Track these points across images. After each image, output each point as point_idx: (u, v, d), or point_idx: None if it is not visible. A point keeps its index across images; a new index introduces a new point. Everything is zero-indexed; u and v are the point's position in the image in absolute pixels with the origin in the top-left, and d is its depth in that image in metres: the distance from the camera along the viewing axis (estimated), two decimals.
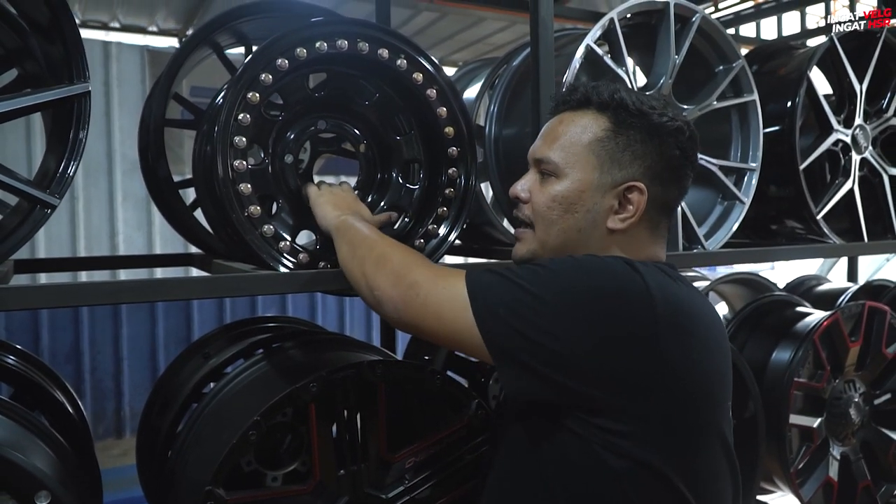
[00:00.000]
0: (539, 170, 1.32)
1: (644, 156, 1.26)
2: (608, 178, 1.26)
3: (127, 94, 6.76)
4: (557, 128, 1.31)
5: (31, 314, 5.96)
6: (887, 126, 2.51)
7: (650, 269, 1.18)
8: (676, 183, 1.30)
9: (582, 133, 1.28)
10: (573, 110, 1.32)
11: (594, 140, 1.27)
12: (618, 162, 1.25)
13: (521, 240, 1.35)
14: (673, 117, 1.28)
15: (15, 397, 2.03)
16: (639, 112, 1.26)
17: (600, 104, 1.28)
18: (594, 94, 1.29)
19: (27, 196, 1.36)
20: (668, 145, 1.27)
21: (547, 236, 1.29)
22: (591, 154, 1.26)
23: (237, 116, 1.51)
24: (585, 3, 4.46)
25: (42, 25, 1.44)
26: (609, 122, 1.27)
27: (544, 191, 1.29)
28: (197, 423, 1.79)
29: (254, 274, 1.53)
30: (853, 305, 2.45)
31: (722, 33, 2.10)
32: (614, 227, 1.26)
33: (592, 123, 1.28)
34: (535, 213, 1.30)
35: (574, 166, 1.27)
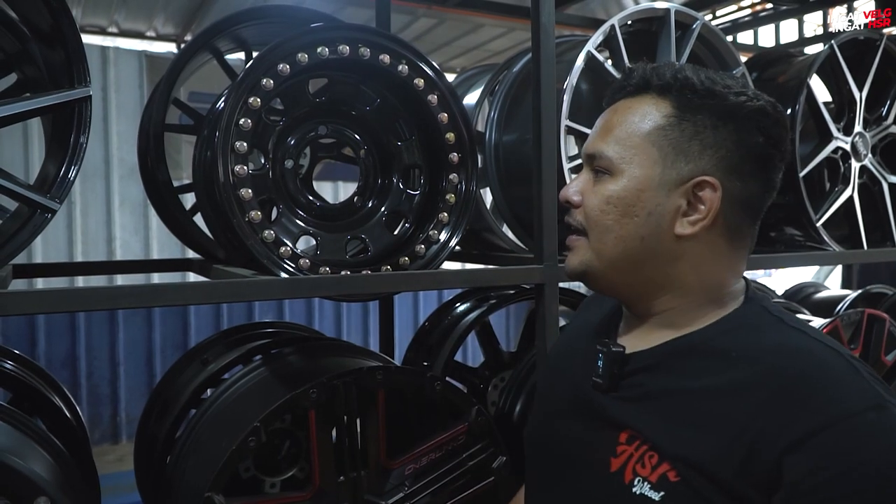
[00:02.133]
0: (592, 167, 1.10)
1: (716, 145, 1.03)
2: (673, 173, 1.03)
3: (125, 99, 6.76)
4: (612, 118, 1.10)
5: (28, 319, 5.94)
6: (887, 134, 2.51)
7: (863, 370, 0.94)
8: (761, 176, 1.05)
9: (640, 121, 1.06)
10: (631, 97, 1.10)
11: (655, 128, 1.05)
12: (684, 153, 1.03)
13: (573, 249, 1.12)
14: (753, 96, 1.05)
15: (13, 403, 2.02)
16: (708, 92, 1.04)
17: (661, 87, 1.06)
18: (654, 75, 1.07)
19: (28, 201, 1.36)
20: (747, 131, 1.03)
21: (603, 245, 1.07)
22: (651, 146, 1.04)
23: (238, 121, 1.51)
24: (583, 9, 4.46)
25: (43, 30, 1.44)
26: (672, 106, 1.05)
27: (598, 191, 1.07)
28: (195, 430, 1.78)
29: (254, 279, 1.52)
30: (852, 313, 2.45)
31: (722, 40, 2.11)
32: (683, 232, 1.04)
33: (653, 109, 1.06)
34: (588, 217, 1.08)
35: (631, 161, 1.05)
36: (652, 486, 0.96)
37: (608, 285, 1.11)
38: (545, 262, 1.78)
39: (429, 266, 1.73)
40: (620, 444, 1.02)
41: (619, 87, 1.12)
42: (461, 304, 2.56)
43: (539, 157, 1.78)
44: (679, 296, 1.07)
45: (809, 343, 0.97)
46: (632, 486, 0.98)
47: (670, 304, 1.08)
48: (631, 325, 1.14)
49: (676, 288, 1.07)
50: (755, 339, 1.00)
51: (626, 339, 1.13)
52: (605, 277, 1.09)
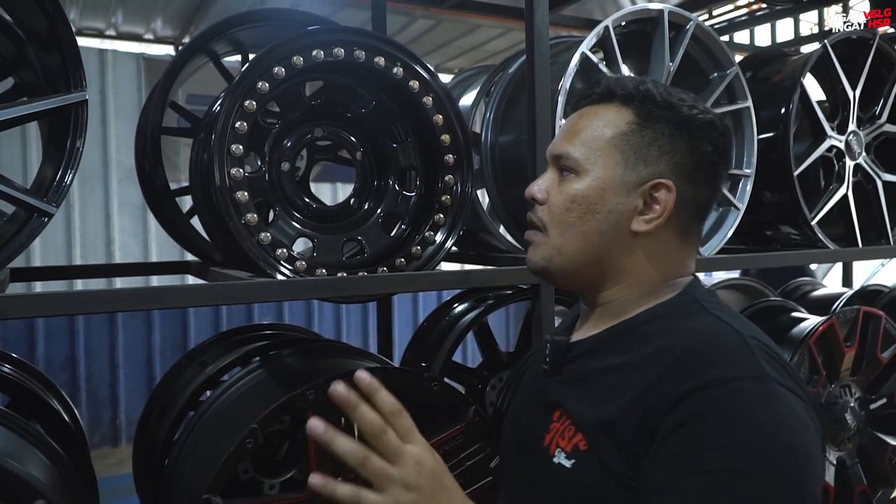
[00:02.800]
0: (558, 167, 1.17)
1: (672, 151, 1.13)
2: (633, 175, 1.12)
3: (123, 101, 6.76)
4: (578, 122, 1.18)
5: (27, 323, 5.94)
6: (881, 132, 2.53)
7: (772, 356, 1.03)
8: (708, 182, 1.16)
9: (605, 127, 1.15)
10: (595, 104, 1.19)
11: (618, 134, 1.14)
12: (643, 157, 1.13)
13: (533, 244, 1.18)
14: (704, 110, 1.16)
15: (11, 406, 2.02)
16: (667, 104, 1.14)
17: (625, 97, 1.16)
18: (618, 86, 1.17)
19: (24, 205, 1.36)
20: (698, 140, 1.14)
21: (564, 241, 1.14)
22: (614, 149, 1.13)
23: (234, 124, 1.51)
24: (580, 10, 4.47)
25: (39, 35, 1.45)
26: (634, 114, 1.14)
27: (562, 190, 1.15)
28: (194, 431, 1.79)
29: (251, 281, 1.53)
30: (848, 310, 2.46)
31: (716, 40, 2.12)
32: (639, 229, 1.12)
33: (616, 116, 1.15)
34: (552, 214, 1.15)
35: (595, 162, 1.13)
36: (567, 456, 1.07)
37: (567, 279, 1.17)
38: None
39: (425, 267, 1.74)
40: (553, 422, 1.13)
41: (584, 95, 1.21)
42: (459, 304, 2.57)
43: (534, 157, 1.79)
44: (627, 287, 1.15)
45: (715, 324, 1.07)
46: (553, 457, 1.09)
47: (618, 294, 1.15)
48: (585, 318, 1.22)
49: (627, 280, 1.15)
50: (672, 323, 1.09)
51: (580, 331, 1.21)
52: (565, 271, 1.16)
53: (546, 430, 1.14)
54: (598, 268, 1.14)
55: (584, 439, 1.05)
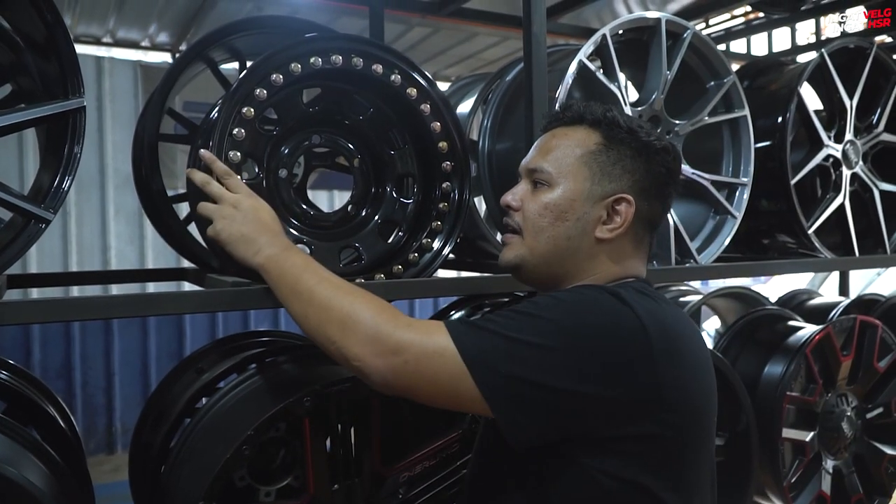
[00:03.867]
0: (532, 179, 1.35)
1: (633, 171, 1.32)
2: (598, 189, 1.31)
3: (120, 108, 6.76)
4: (551, 141, 1.36)
5: (23, 330, 5.93)
6: (878, 141, 2.53)
7: (637, 297, 1.22)
8: (661, 200, 1.36)
9: (576, 146, 1.33)
10: (566, 126, 1.38)
11: (587, 153, 1.32)
12: (608, 174, 1.31)
13: (508, 244, 1.38)
14: (659, 138, 1.36)
15: (7, 412, 2.01)
16: (629, 130, 1.33)
17: (593, 121, 1.34)
18: (587, 111, 1.36)
19: (22, 211, 1.36)
20: (655, 163, 1.33)
21: (536, 243, 1.32)
22: (583, 165, 1.31)
23: (232, 131, 1.51)
24: (577, 19, 4.48)
25: (37, 42, 1.45)
26: (601, 136, 1.33)
27: (536, 199, 1.33)
28: (190, 438, 1.78)
29: (248, 288, 1.52)
30: (845, 319, 2.46)
31: (713, 49, 2.12)
32: (602, 236, 1.31)
33: (585, 137, 1.34)
34: (526, 220, 1.33)
35: (567, 176, 1.31)
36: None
37: (535, 276, 1.36)
38: None
39: (422, 274, 1.74)
40: None
41: (555, 117, 1.40)
42: (456, 311, 2.56)
43: None
44: (573, 280, 1.33)
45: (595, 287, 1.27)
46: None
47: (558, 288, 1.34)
48: None
49: (585, 278, 1.32)
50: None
51: None
52: (534, 269, 1.34)
53: None
54: (562, 267, 1.33)
55: None
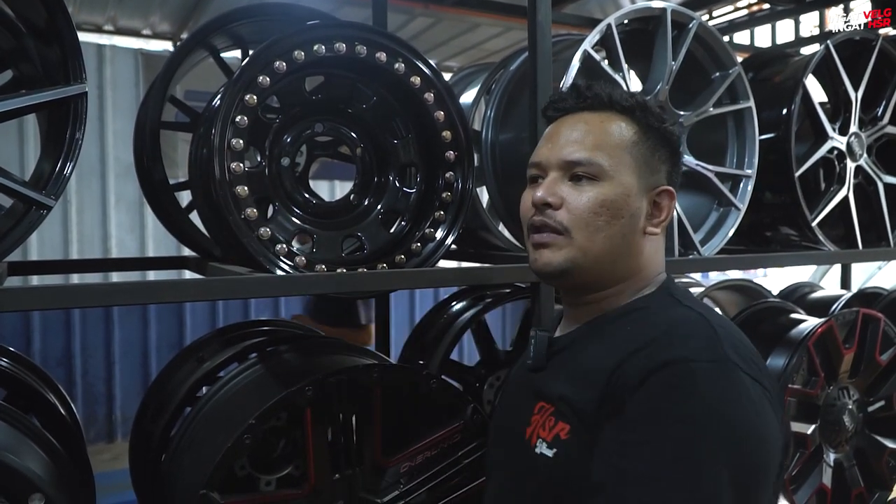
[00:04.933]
0: (572, 173, 1.20)
1: (666, 160, 1.24)
2: (643, 181, 1.21)
3: (121, 97, 6.74)
4: (588, 128, 1.22)
5: (23, 317, 5.92)
6: (882, 134, 2.52)
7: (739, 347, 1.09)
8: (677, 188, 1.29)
9: (620, 135, 1.21)
10: (592, 112, 1.25)
11: (632, 142, 1.21)
12: (649, 165, 1.21)
13: (550, 246, 1.20)
14: (676, 128, 1.28)
15: (8, 400, 2.01)
16: (659, 118, 1.24)
17: (624, 108, 1.23)
18: (616, 96, 1.24)
19: (23, 197, 1.36)
20: (678, 154, 1.27)
21: (591, 244, 1.18)
22: (630, 157, 1.20)
23: (234, 119, 1.50)
24: (580, 9, 4.46)
25: (39, 27, 1.44)
26: (636, 124, 1.23)
27: (583, 195, 1.18)
28: (191, 427, 1.78)
29: (250, 277, 1.52)
30: (847, 312, 2.45)
31: (718, 40, 2.11)
32: (651, 231, 1.22)
33: (624, 126, 1.22)
34: (577, 218, 1.18)
35: (618, 169, 1.19)
36: (548, 445, 1.13)
37: (583, 280, 1.21)
38: None
39: (425, 264, 1.73)
40: (534, 414, 1.20)
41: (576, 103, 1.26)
42: (457, 302, 2.56)
43: None
44: (628, 284, 1.23)
45: (687, 313, 1.16)
46: (535, 448, 1.15)
47: (615, 291, 1.23)
48: (568, 315, 1.30)
49: (633, 277, 1.23)
50: (648, 314, 1.18)
51: (562, 326, 1.30)
52: (586, 272, 1.20)
53: (527, 422, 1.20)
54: (614, 267, 1.21)
55: (566, 428, 1.11)
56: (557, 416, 1.14)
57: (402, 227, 1.77)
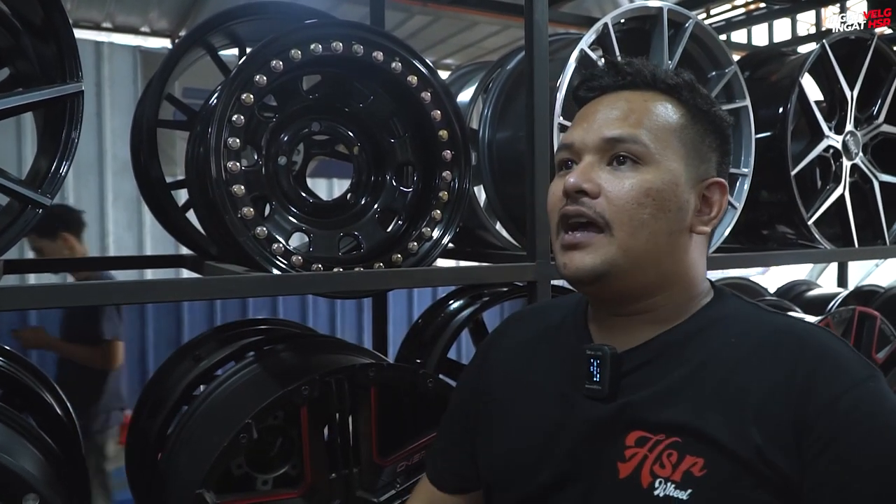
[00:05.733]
0: (611, 155, 1.01)
1: (716, 149, 1.06)
2: (693, 171, 1.02)
3: (119, 94, 6.73)
4: (631, 107, 1.03)
5: (20, 315, 5.91)
6: (878, 132, 2.52)
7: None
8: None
9: (667, 115, 1.02)
10: (634, 90, 1.06)
11: (679, 125, 1.03)
12: (698, 153, 1.03)
13: (587, 247, 1.00)
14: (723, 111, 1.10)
15: (3, 399, 2.01)
16: (708, 101, 1.07)
17: (670, 87, 1.05)
18: (661, 74, 1.06)
19: (18, 196, 1.35)
20: (727, 142, 1.09)
21: (634, 241, 0.99)
22: (678, 141, 1.02)
23: (231, 117, 1.50)
24: (577, 8, 4.47)
25: (35, 25, 1.44)
26: (684, 107, 1.05)
27: (625, 181, 0.99)
28: (187, 426, 1.78)
29: (246, 276, 1.52)
30: (843, 310, 2.45)
31: (715, 39, 2.11)
32: (700, 230, 1.04)
33: (670, 106, 1.04)
34: (619, 210, 0.98)
35: (665, 154, 1.00)
36: (677, 486, 0.93)
37: (622, 286, 1.02)
38: (538, 259, 1.78)
39: (422, 263, 1.73)
40: (629, 447, 0.98)
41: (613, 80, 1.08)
42: (455, 301, 2.56)
43: (532, 154, 1.78)
44: (676, 291, 1.05)
45: (798, 323, 1.01)
46: (652, 489, 0.94)
47: (665, 300, 1.04)
48: (609, 328, 1.08)
49: (679, 283, 1.04)
50: (749, 324, 1.02)
51: (610, 341, 1.06)
52: (626, 276, 1.01)
53: (620, 457, 0.98)
54: (658, 272, 1.02)
55: (698, 462, 0.93)
56: (683, 450, 0.94)
57: (399, 226, 1.77)
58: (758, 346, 0.98)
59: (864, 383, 0.92)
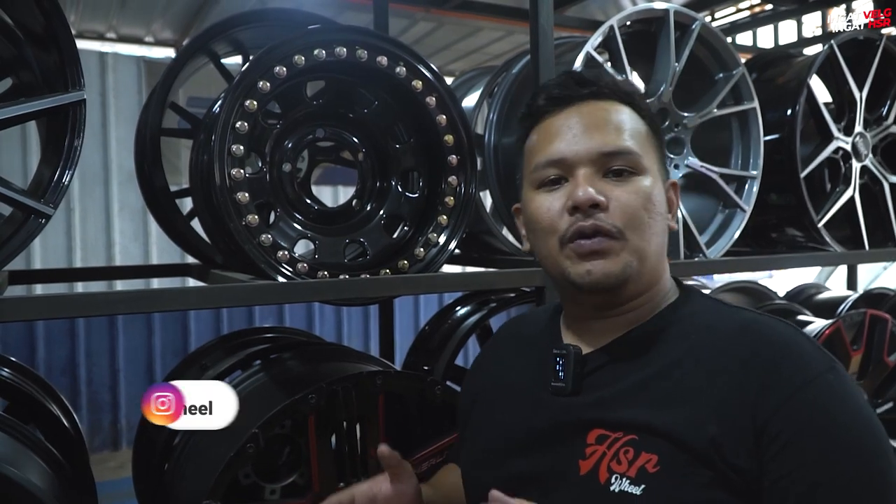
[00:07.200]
0: (607, 168, 1.05)
1: (663, 151, 1.14)
2: (662, 174, 1.09)
3: (123, 104, 6.74)
4: (609, 117, 1.07)
5: (28, 326, 5.93)
6: (887, 134, 2.51)
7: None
8: None
9: (637, 123, 1.09)
10: (598, 100, 1.09)
11: (646, 132, 1.09)
12: (661, 156, 1.11)
13: (607, 255, 1.03)
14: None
15: (9, 411, 2.00)
16: (650, 109, 1.14)
17: (627, 93, 1.11)
18: (618, 84, 1.12)
19: (21, 206, 1.35)
20: (664, 142, 1.17)
21: (646, 244, 1.04)
22: (650, 147, 1.09)
23: (235, 124, 1.49)
24: (581, 12, 4.46)
25: (37, 34, 1.43)
26: (641, 113, 1.11)
27: (628, 191, 1.04)
28: (194, 436, 1.77)
29: (252, 284, 1.51)
30: (855, 314, 2.44)
31: (722, 41, 2.10)
32: (672, 227, 1.11)
33: (634, 114, 1.10)
34: (632, 217, 1.03)
35: (650, 160, 1.07)
36: (631, 482, 0.96)
37: (636, 290, 1.06)
38: None
39: (428, 269, 1.72)
40: (589, 444, 1.01)
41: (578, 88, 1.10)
42: (461, 307, 2.54)
43: None
44: (655, 289, 1.09)
45: (760, 318, 1.05)
46: (609, 485, 0.97)
47: (646, 299, 1.09)
48: (582, 330, 1.12)
49: (658, 281, 1.09)
50: (704, 320, 1.06)
51: (580, 342, 1.11)
52: (640, 278, 1.05)
53: (581, 455, 1.01)
54: (655, 269, 1.07)
55: (653, 459, 0.95)
56: (639, 447, 0.97)
57: (404, 233, 1.76)
58: (721, 341, 1.01)
59: (822, 376, 0.95)
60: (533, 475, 1.06)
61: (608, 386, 1.04)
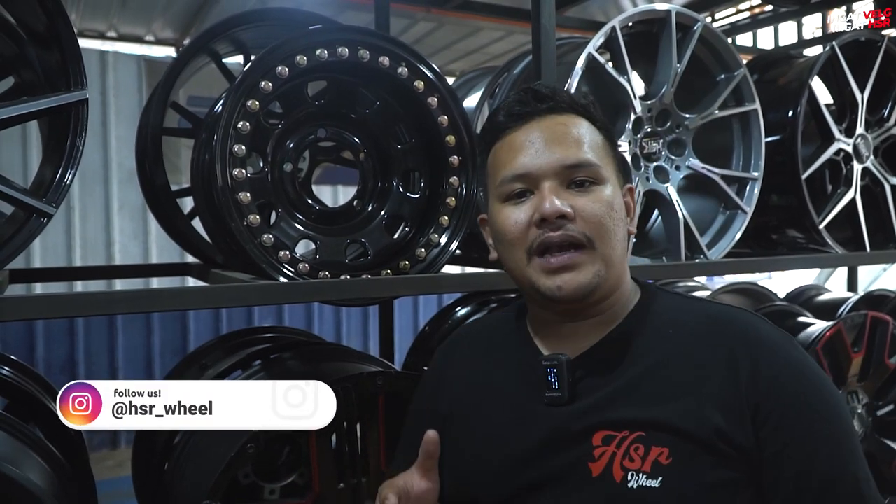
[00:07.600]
0: (570, 180, 1.09)
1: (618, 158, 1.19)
2: (620, 180, 1.15)
3: (124, 103, 6.74)
4: (568, 130, 1.12)
5: (27, 325, 5.92)
6: (889, 135, 2.51)
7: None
8: None
9: (594, 135, 1.14)
10: (556, 113, 1.14)
11: (603, 142, 1.14)
12: (616, 164, 1.16)
13: (577, 265, 1.07)
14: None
15: (9, 409, 2.00)
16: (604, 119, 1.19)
17: (583, 106, 1.16)
18: (572, 98, 1.17)
19: (23, 205, 1.34)
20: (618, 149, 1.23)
21: (612, 251, 1.09)
22: (608, 156, 1.14)
23: (236, 124, 1.49)
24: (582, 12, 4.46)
25: (39, 33, 1.43)
26: (597, 124, 1.16)
27: (592, 200, 1.08)
28: (194, 436, 1.77)
29: (253, 284, 1.51)
30: (855, 316, 2.43)
31: (723, 42, 2.10)
32: (631, 231, 1.17)
33: (591, 126, 1.15)
34: (598, 226, 1.07)
35: (608, 169, 1.12)
36: (648, 476, 1.00)
37: (603, 295, 1.12)
38: None
39: (429, 270, 1.72)
40: (596, 446, 1.05)
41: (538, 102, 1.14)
42: (462, 308, 2.54)
43: None
44: (621, 291, 1.15)
45: (724, 308, 1.16)
46: (625, 482, 1.01)
47: (614, 301, 1.14)
48: (558, 336, 1.16)
49: (622, 283, 1.15)
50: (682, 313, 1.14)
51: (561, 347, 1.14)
52: (607, 283, 1.11)
53: (590, 458, 1.04)
54: (619, 273, 1.13)
55: (664, 451, 1.01)
56: (648, 442, 1.01)
57: (406, 233, 1.76)
58: (698, 333, 1.09)
59: (790, 354, 1.07)
60: (543, 484, 1.08)
61: (601, 388, 1.08)
